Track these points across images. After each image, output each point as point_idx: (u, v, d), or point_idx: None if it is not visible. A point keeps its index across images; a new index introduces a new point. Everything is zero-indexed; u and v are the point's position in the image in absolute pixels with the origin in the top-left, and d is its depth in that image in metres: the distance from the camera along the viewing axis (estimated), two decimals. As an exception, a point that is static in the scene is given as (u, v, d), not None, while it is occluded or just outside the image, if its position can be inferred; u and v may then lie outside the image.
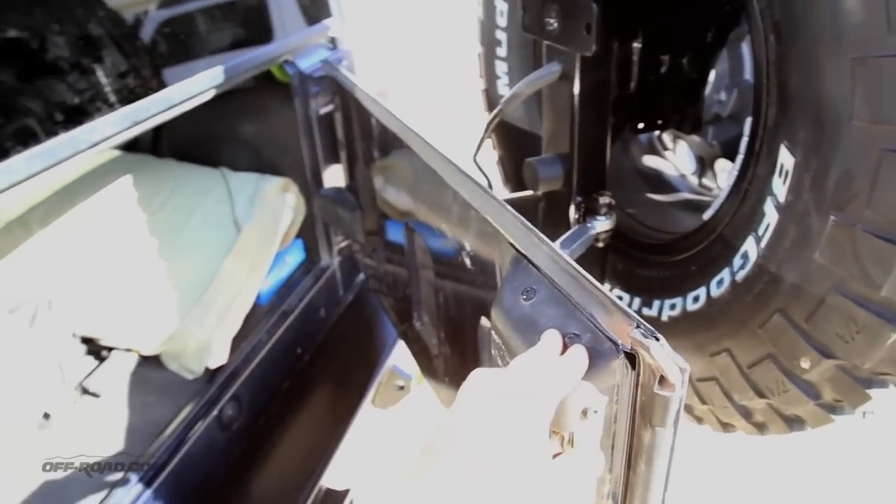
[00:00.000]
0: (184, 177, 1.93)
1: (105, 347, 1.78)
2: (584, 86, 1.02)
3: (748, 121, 0.91)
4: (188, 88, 1.46)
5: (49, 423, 1.59)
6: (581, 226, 1.10)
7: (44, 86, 1.57)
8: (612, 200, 1.09)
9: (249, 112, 1.90)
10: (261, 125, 1.93)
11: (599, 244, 1.12)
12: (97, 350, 1.77)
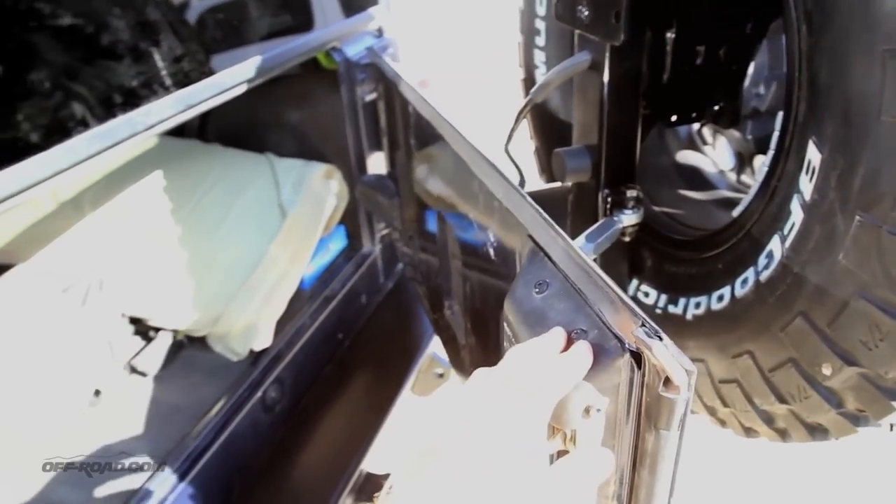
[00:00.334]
0: (230, 162, 1.98)
1: (152, 328, 1.85)
2: (614, 76, 1.00)
3: (779, 115, 0.87)
4: (239, 73, 1.50)
5: (99, 401, 1.66)
6: (608, 219, 1.08)
7: (103, 69, 1.64)
8: (640, 194, 1.06)
9: (294, 98, 1.94)
10: (305, 111, 1.96)
11: (626, 238, 1.09)
12: (145, 330, 1.84)
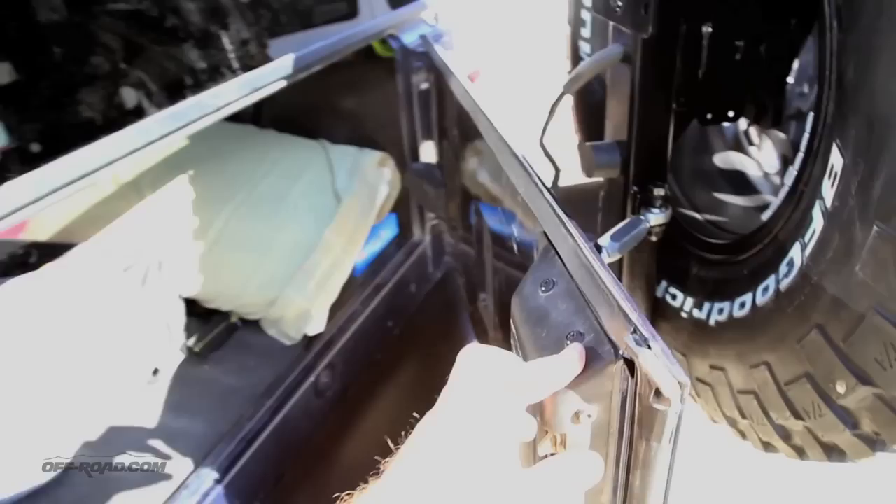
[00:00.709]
0: (285, 147, 2.03)
1: (208, 310, 1.90)
2: (644, 69, 0.97)
3: (810, 116, 0.83)
4: (303, 59, 1.53)
5: (157, 380, 1.71)
6: (634, 218, 1.05)
7: (173, 51, 1.71)
8: (668, 192, 1.03)
9: (348, 85, 1.97)
10: (359, 98, 1.99)
11: (653, 238, 1.06)
12: (200, 312, 1.89)
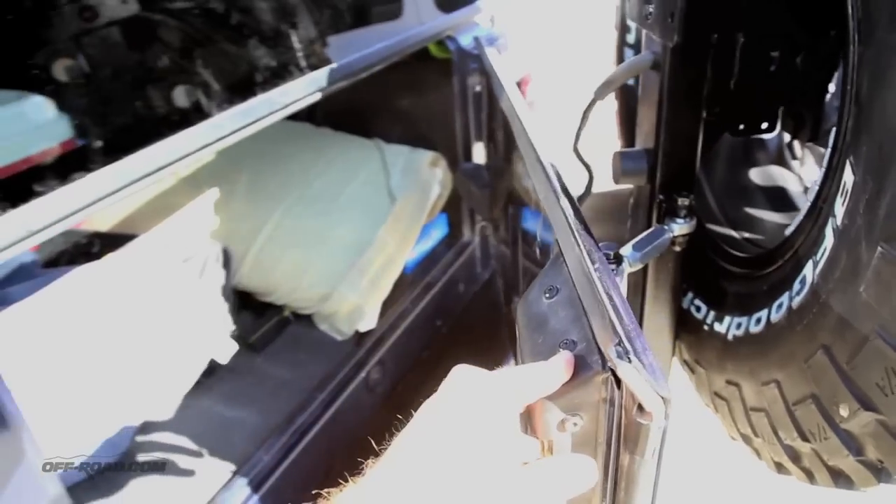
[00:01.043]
0: (341, 146, 2.09)
1: (262, 304, 1.96)
2: (671, 77, 0.97)
3: (833, 132, 0.80)
4: (366, 59, 1.58)
5: (212, 371, 1.74)
6: (658, 227, 1.04)
7: (246, 49, 1.79)
8: (692, 202, 1.02)
9: (400, 85, 2.01)
10: (412, 99, 2.03)
11: (676, 248, 1.05)
12: (255, 305, 1.95)
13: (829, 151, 0.81)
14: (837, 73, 1.00)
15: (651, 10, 0.98)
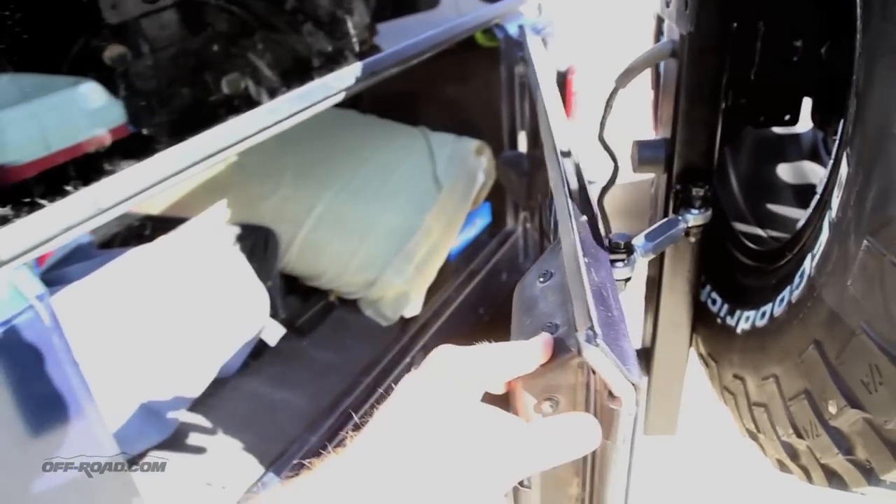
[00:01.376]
0: (387, 133, 2.12)
1: (308, 288, 2.00)
2: (687, 66, 0.96)
3: (841, 124, 0.78)
4: (417, 46, 1.61)
5: (260, 353, 1.80)
6: (672, 217, 1.03)
7: (301, 35, 1.85)
8: (708, 193, 1.00)
9: (446, 73, 2.03)
10: (457, 87, 2.05)
11: (691, 239, 1.04)
12: (301, 290, 2.00)
13: (836, 144, 0.79)
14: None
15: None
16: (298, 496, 0.45)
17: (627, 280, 0.91)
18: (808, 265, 0.78)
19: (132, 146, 1.15)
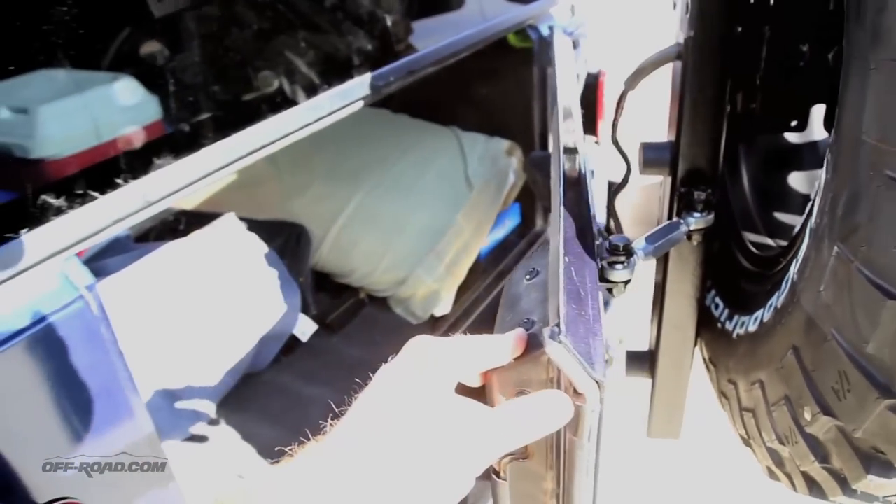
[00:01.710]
0: (419, 132, 2.14)
1: (338, 285, 2.02)
2: (691, 69, 0.96)
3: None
4: (455, 45, 1.64)
5: (291, 349, 1.82)
6: (674, 220, 1.04)
7: (341, 33, 1.89)
8: (711, 197, 1.00)
9: (477, 74, 2.04)
10: (489, 87, 2.06)
11: (693, 242, 1.04)
12: (332, 287, 2.02)
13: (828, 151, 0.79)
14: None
15: (676, 1, 0.98)
16: (279, 482, 0.48)
17: (627, 283, 0.92)
18: (793, 270, 0.78)
19: (174, 142, 1.17)
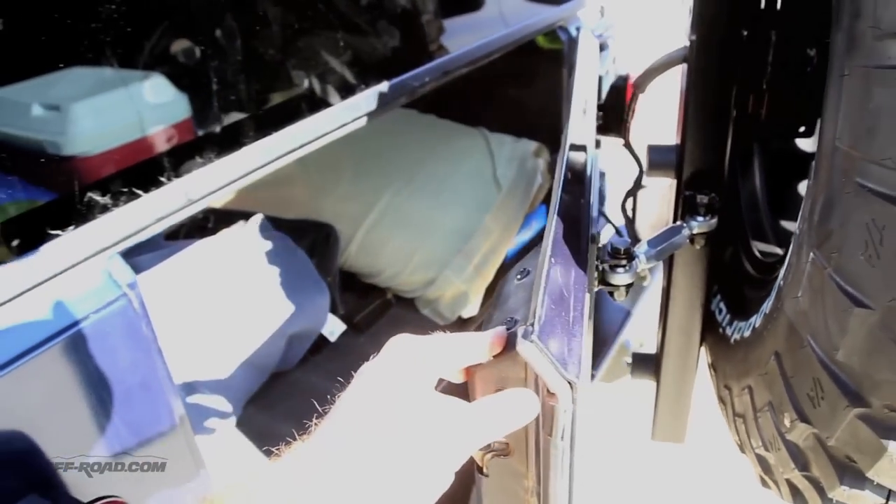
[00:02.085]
0: (447, 133, 2.14)
1: (366, 285, 2.03)
2: (694, 72, 0.96)
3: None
4: (488, 45, 1.66)
5: (319, 349, 1.83)
6: (677, 224, 1.03)
7: (377, 33, 1.92)
8: (714, 201, 1.00)
9: (505, 75, 2.05)
10: (516, 89, 2.07)
11: (696, 246, 1.04)
12: (359, 287, 2.03)
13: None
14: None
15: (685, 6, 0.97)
16: (267, 481, 0.50)
17: (629, 286, 0.93)
18: (782, 276, 0.77)
19: (216, 141, 1.17)
